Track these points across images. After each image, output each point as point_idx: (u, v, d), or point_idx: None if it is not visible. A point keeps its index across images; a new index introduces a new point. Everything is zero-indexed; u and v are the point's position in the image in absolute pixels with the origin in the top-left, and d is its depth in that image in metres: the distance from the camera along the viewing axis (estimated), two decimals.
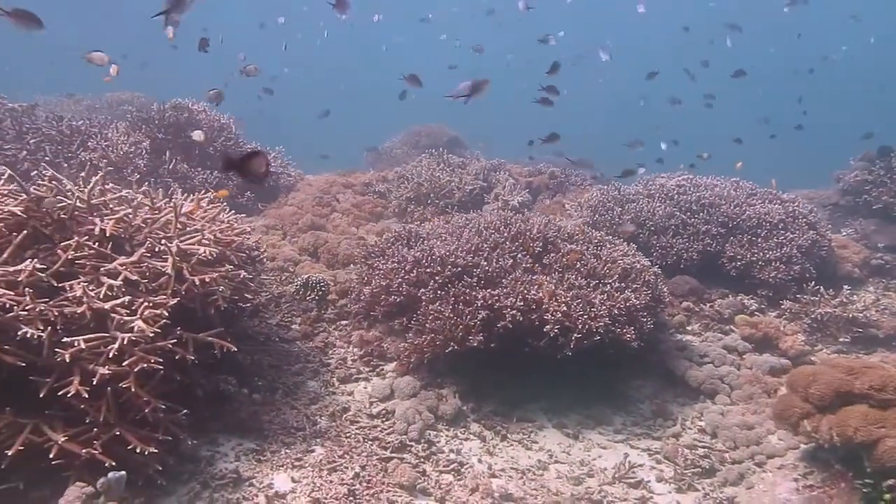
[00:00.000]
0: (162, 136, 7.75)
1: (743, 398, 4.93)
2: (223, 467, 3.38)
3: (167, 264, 3.36)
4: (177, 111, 7.88)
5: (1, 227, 3.13)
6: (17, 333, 2.81)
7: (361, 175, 9.96)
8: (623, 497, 3.73)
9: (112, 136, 6.99)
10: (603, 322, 4.33)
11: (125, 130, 7.29)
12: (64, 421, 2.99)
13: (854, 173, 10.15)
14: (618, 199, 7.95)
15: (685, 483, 3.89)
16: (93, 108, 12.68)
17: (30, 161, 6.87)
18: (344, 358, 4.75)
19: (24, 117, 7.27)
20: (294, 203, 8.18)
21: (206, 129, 8.14)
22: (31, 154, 6.95)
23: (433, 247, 4.85)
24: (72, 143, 7.06)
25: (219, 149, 8.08)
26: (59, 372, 2.93)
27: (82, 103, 13.24)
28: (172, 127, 7.91)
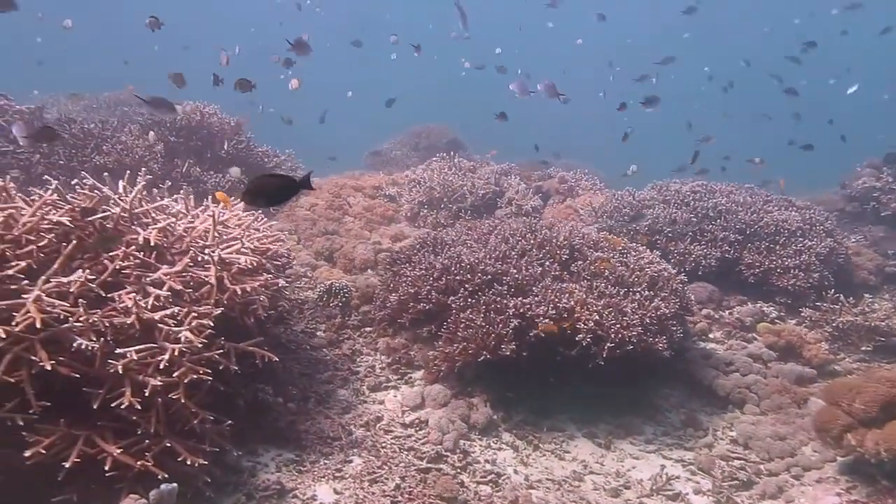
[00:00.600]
0: (174, 138, 7.78)
1: (772, 408, 5.00)
2: (266, 478, 3.42)
3: (210, 274, 3.40)
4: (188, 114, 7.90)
5: (51, 238, 3.16)
6: (72, 345, 2.85)
7: (370, 178, 10.01)
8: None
9: (127, 139, 7.00)
10: (636, 331, 4.39)
11: (139, 134, 7.31)
12: (113, 432, 3.03)
13: (862, 180, 10.27)
14: (633, 205, 8.03)
15: (724, 496, 3.95)
16: (90, 108, 12.69)
17: (44, 165, 6.90)
18: (372, 366, 4.80)
19: (36, 120, 7.29)
20: (306, 206, 8.22)
21: (218, 132, 8.19)
22: (45, 158, 6.97)
23: (460, 254, 4.91)
24: (85, 147, 7.09)
25: (230, 152, 8.11)
26: (111, 383, 2.97)
27: (80, 103, 13.25)
28: (184, 130, 7.94)
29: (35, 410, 2.78)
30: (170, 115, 6.05)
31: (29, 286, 2.91)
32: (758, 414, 5.01)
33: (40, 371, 2.78)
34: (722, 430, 4.83)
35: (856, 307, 6.88)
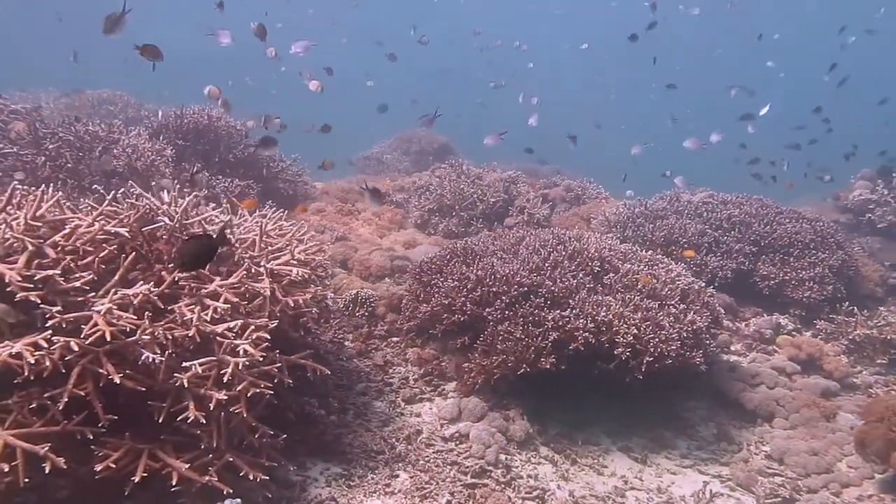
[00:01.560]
0: (181, 142, 7.77)
1: (801, 422, 5.12)
2: (317, 493, 3.46)
3: (264, 286, 3.43)
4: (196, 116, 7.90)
5: (111, 249, 3.18)
6: (140, 358, 2.87)
7: (374, 183, 10.05)
8: None
9: (138, 143, 6.98)
10: (675, 346, 4.49)
11: (148, 137, 7.30)
12: (172, 445, 3.05)
13: (857, 192, 10.55)
14: (647, 215, 8.15)
15: None
16: (72, 107, 12.62)
17: (50, 168, 6.85)
18: (405, 377, 4.84)
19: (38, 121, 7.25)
20: (313, 211, 8.25)
21: (225, 136, 8.19)
22: (51, 160, 6.92)
23: (493, 265, 4.97)
24: (92, 150, 7.05)
25: (238, 156, 8.12)
26: (172, 396, 3.00)
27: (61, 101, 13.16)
28: (191, 133, 7.93)
29: (104, 424, 2.80)
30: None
31: (94, 298, 2.93)
32: (787, 428, 5.13)
33: (102, 384, 2.80)
34: (755, 444, 4.93)
35: (871, 320, 7.06)
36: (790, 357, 6.19)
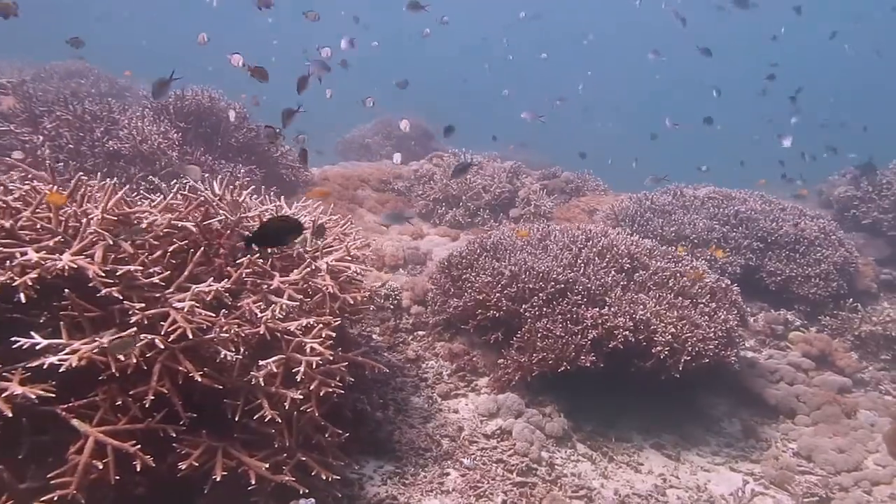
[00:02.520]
0: (183, 124, 7.67)
1: (823, 419, 5.31)
2: (375, 492, 3.52)
3: (327, 283, 3.46)
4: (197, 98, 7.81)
5: (182, 244, 3.17)
6: (215, 356, 2.89)
7: (369, 169, 10.05)
8: None
9: (143, 126, 6.87)
10: (713, 345, 4.62)
11: (152, 119, 7.19)
12: (241, 443, 3.08)
13: (842, 188, 10.85)
14: (655, 210, 8.30)
15: None
16: (39, 78, 12.33)
17: (50, 148, 6.72)
18: (439, 372, 4.91)
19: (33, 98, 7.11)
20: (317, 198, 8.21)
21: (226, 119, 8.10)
22: (50, 140, 6.79)
23: (525, 261, 5.05)
24: (93, 131, 6.93)
25: (241, 140, 8.04)
26: (245, 394, 3.02)
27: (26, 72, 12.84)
28: (192, 115, 7.83)
29: (184, 421, 2.82)
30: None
31: (171, 294, 2.94)
32: (809, 425, 5.32)
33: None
34: (781, 441, 5.10)
35: (875, 316, 7.33)
36: (804, 353, 6.39)
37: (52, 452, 2.63)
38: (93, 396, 2.72)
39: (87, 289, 2.80)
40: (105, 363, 2.66)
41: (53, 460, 2.60)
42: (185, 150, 7.46)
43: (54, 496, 2.47)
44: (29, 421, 2.57)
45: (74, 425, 2.63)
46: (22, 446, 2.58)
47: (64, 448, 2.64)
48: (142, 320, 2.78)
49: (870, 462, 4.79)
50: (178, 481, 2.90)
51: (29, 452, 2.60)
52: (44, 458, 2.63)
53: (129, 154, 6.75)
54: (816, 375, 6.02)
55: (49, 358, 2.56)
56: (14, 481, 2.49)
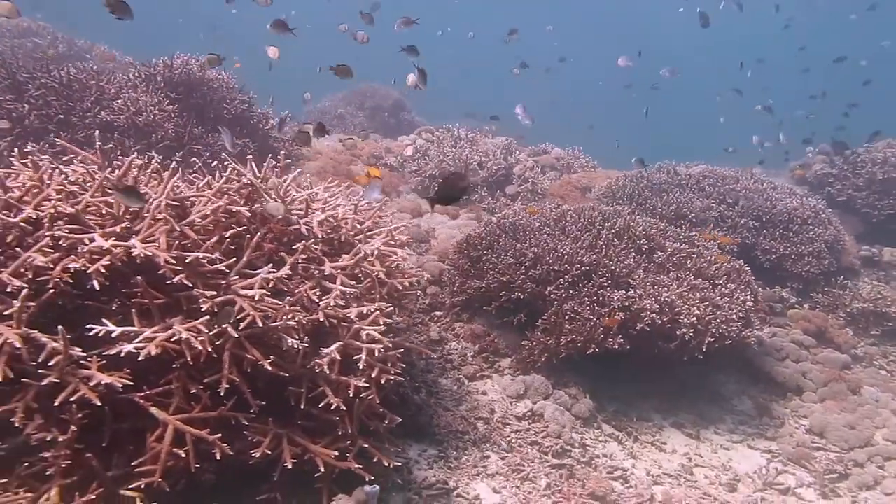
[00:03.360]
0: (173, 95, 7.51)
1: (830, 395, 5.54)
2: (424, 476, 3.60)
3: (376, 268, 3.48)
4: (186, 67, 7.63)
5: (240, 230, 3.15)
6: (280, 344, 2.90)
7: (360, 143, 9.98)
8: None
9: (139, 96, 6.72)
10: (735, 327, 4.77)
11: (146, 90, 7.03)
12: (302, 431, 3.11)
13: (818, 166, 11.18)
14: (652, 188, 8.44)
15: (828, 489, 4.42)
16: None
17: (37, 117, 6.53)
18: (463, 354, 4.97)
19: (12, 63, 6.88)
20: (313, 171, 8.17)
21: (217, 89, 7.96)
22: (37, 109, 6.59)
23: (547, 242, 5.12)
24: (82, 100, 6.75)
25: (234, 112, 7.91)
26: (308, 382, 3.05)
27: None
28: (182, 86, 7.67)
29: (254, 409, 2.85)
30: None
31: (234, 281, 2.93)
32: (816, 401, 5.54)
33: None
34: (793, 418, 5.31)
35: (866, 293, 7.64)
36: (803, 330, 6.63)
37: (131, 440, 2.64)
38: (165, 384, 2.72)
39: (149, 274, 2.78)
40: (177, 351, 2.66)
41: (134, 448, 2.61)
42: (178, 123, 7.32)
43: (141, 484, 2.49)
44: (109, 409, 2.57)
45: (153, 413, 2.63)
46: (104, 434, 2.57)
47: (139, 436, 2.65)
48: (212, 307, 2.77)
49: (879, 437, 5.03)
50: (243, 468, 2.93)
51: (110, 440, 2.60)
52: (124, 445, 2.63)
53: (123, 126, 6.60)
54: (819, 352, 6.27)
55: (125, 346, 2.55)
56: (102, 469, 2.49)
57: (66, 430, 2.42)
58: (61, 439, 2.39)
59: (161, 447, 2.57)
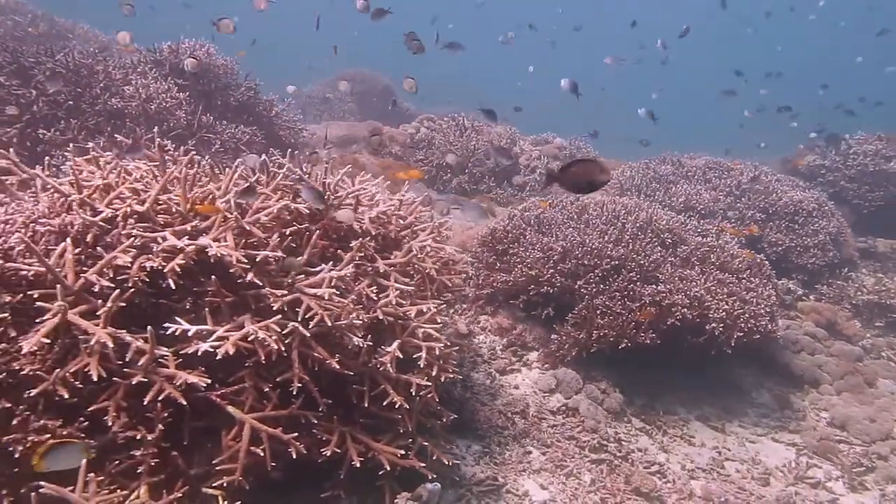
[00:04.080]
0: (181, 81, 7.44)
1: (847, 388, 5.68)
2: (472, 472, 3.65)
3: (428, 265, 3.52)
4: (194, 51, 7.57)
5: (300, 228, 3.17)
6: (348, 343, 2.93)
7: (363, 132, 9.97)
8: (817, 500, 4.31)
9: (150, 83, 6.65)
10: (765, 322, 4.87)
11: (156, 76, 6.96)
12: (362, 428, 3.14)
13: (811, 157, 11.36)
14: (660, 180, 8.54)
15: (856, 482, 4.54)
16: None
17: (46, 104, 6.44)
18: (492, 347, 5.02)
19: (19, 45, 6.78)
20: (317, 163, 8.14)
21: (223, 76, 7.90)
22: (45, 95, 6.50)
23: (571, 236, 5.18)
24: (91, 86, 6.67)
25: (240, 100, 7.87)
26: (370, 380, 3.08)
27: None
28: (189, 72, 7.59)
29: (322, 408, 2.88)
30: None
31: (300, 279, 2.95)
32: (833, 394, 5.68)
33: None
34: (813, 411, 5.44)
35: (870, 285, 7.82)
36: (815, 323, 6.78)
37: (208, 438, 2.66)
38: (235, 382, 2.74)
39: (215, 272, 2.79)
40: (249, 349, 2.68)
41: (212, 446, 2.63)
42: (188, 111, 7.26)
43: (223, 482, 2.52)
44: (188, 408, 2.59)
45: (230, 412, 2.65)
46: (184, 432, 2.59)
47: (213, 434, 2.68)
48: (282, 307, 2.79)
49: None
50: (308, 465, 2.96)
51: (189, 438, 2.62)
52: (202, 443, 2.65)
53: (134, 113, 6.54)
54: (832, 345, 6.41)
55: (202, 345, 2.57)
56: (186, 467, 2.52)
57: (152, 428, 2.44)
58: (150, 438, 2.41)
59: (239, 445, 2.60)
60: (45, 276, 2.37)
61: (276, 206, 3.00)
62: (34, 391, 2.22)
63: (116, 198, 2.73)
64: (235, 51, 8.50)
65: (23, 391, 2.26)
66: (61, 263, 2.41)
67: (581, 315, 4.85)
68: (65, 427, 2.28)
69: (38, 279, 2.38)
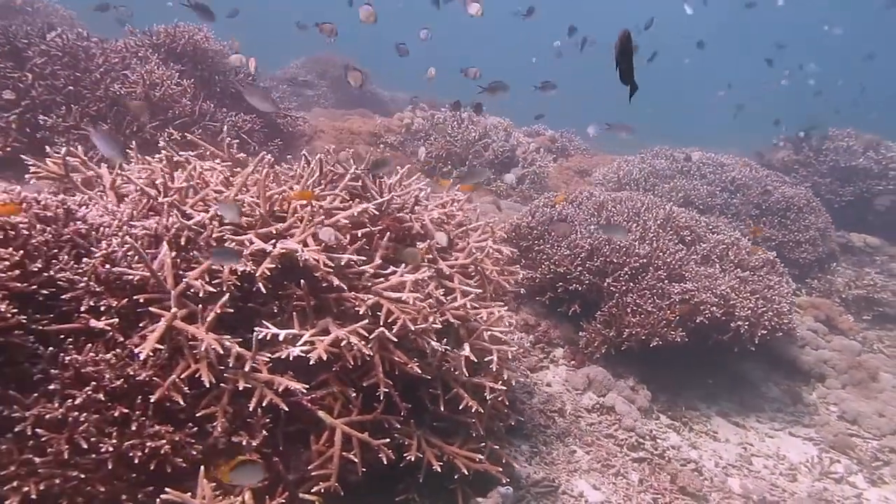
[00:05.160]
0: (179, 66, 7.26)
1: (852, 383, 5.85)
2: (527, 472, 3.67)
3: (489, 266, 3.52)
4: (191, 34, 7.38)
5: (373, 229, 3.13)
6: (426, 347, 2.92)
7: (358, 121, 9.87)
8: (843, 495, 4.44)
9: (154, 69, 6.47)
10: (787, 319, 4.99)
11: (159, 61, 6.77)
12: (432, 432, 3.14)
13: (784, 153, 11.63)
14: (659, 175, 8.65)
15: (875, 476, 4.69)
16: None
17: (44, 87, 6.21)
18: (521, 345, 5.03)
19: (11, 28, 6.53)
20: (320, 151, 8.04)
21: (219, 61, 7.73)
22: (42, 79, 6.27)
23: (593, 233, 5.22)
24: (89, 71, 6.46)
25: (240, 86, 7.70)
26: (442, 384, 3.08)
27: None
28: (186, 57, 7.42)
29: (403, 412, 2.87)
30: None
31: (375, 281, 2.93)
32: (839, 388, 5.84)
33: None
34: (823, 406, 5.59)
35: (860, 280, 8.07)
36: (814, 318, 6.96)
37: (297, 442, 2.64)
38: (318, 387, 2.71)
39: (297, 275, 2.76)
40: (338, 354, 2.65)
41: (304, 450, 2.61)
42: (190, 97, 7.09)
43: (321, 488, 2.49)
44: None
45: (321, 417, 2.62)
46: (278, 438, 2.56)
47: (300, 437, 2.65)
48: (366, 311, 2.77)
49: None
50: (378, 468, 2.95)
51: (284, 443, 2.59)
52: (295, 448, 2.62)
53: (139, 99, 6.36)
54: (832, 339, 6.60)
55: (293, 349, 2.53)
56: (285, 473, 2.49)
57: (254, 434, 2.40)
58: (254, 443, 2.38)
59: (333, 451, 2.58)
60: (147, 281, 2.30)
61: (356, 208, 2.96)
62: (154, 397, 2.17)
63: (202, 200, 2.66)
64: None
65: (133, 397, 2.20)
66: (162, 268, 2.34)
67: (610, 312, 4.90)
68: (175, 433, 2.23)
69: (141, 283, 2.31)
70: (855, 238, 9.78)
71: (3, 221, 2.07)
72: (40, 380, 2.07)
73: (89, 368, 2.09)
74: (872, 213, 10.41)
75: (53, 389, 2.07)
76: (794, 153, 11.49)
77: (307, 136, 8.56)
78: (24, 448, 2.00)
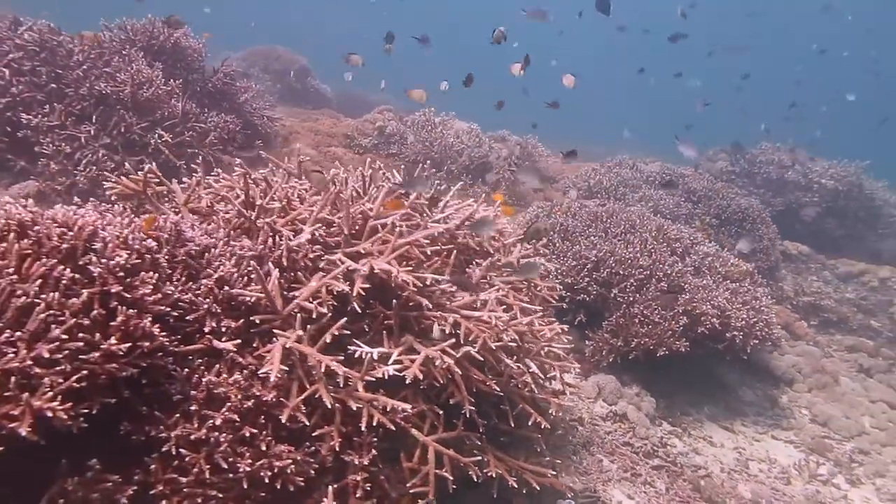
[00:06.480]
0: (158, 64, 6.97)
1: (818, 386, 6.14)
2: (568, 482, 3.69)
3: (539, 283, 3.54)
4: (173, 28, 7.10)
5: (452, 248, 3.09)
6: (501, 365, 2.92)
7: (329, 122, 9.72)
8: (833, 497, 4.65)
9: (143, 68, 6.19)
10: (777, 330, 5.19)
11: (148, 60, 6.49)
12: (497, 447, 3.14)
13: (721, 163, 12.13)
14: (627, 185, 8.84)
15: (853, 477, 4.93)
16: None
17: (25, 85, 5.87)
18: None
19: None
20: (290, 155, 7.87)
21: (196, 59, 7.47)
22: (20, 75, 5.92)
23: (600, 245, 5.31)
24: (69, 68, 6.13)
25: (218, 86, 7.48)
26: (509, 400, 3.08)
27: None
28: (166, 55, 7.14)
29: (482, 429, 2.86)
30: None
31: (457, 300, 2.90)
32: (805, 392, 6.12)
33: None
34: (797, 409, 5.84)
35: (808, 288, 8.48)
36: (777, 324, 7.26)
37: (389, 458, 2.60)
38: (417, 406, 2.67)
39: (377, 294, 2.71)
40: (426, 372, 2.62)
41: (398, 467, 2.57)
42: None
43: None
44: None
45: (413, 434, 2.58)
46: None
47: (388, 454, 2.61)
48: (451, 331, 2.74)
49: (867, 425, 5.66)
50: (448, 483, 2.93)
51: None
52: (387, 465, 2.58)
53: (125, 100, 6.08)
54: (795, 345, 6.91)
55: (387, 368, 2.49)
56: (389, 490, 2.44)
57: (362, 453, 2.36)
58: (366, 462, 2.33)
59: (428, 469, 2.54)
60: (259, 302, 2.22)
61: (438, 228, 2.92)
62: (283, 417, 2.10)
63: (295, 219, 2.58)
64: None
65: (257, 417, 2.13)
66: (272, 289, 2.26)
67: (618, 322, 4.99)
68: (296, 452, 2.16)
69: (253, 305, 2.22)
70: (790, 246, 10.22)
71: (141, 246, 1.95)
72: (179, 401, 1.99)
73: (221, 389, 2.01)
74: (800, 222, 10.91)
75: (193, 410, 1.98)
76: (730, 164, 11.93)
77: (281, 136, 8.37)
78: (169, 467, 1.93)
